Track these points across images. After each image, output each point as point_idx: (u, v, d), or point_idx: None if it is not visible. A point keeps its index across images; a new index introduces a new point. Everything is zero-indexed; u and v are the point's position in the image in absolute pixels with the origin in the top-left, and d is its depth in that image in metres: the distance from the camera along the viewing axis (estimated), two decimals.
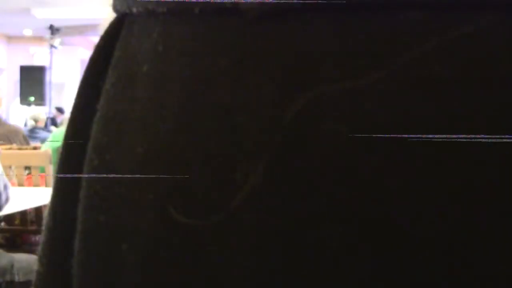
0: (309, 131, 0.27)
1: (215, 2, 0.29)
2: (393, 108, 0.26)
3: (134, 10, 0.33)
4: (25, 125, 6.73)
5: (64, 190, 0.36)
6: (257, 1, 0.28)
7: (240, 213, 0.28)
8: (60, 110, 8.35)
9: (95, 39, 0.37)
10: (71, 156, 0.36)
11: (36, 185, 3.31)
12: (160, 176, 0.30)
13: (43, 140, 5.29)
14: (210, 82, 0.29)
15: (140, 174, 0.30)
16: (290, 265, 0.27)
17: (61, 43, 9.36)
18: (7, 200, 2.35)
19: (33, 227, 3.32)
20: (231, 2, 0.28)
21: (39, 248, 0.37)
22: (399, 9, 0.26)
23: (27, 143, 4.42)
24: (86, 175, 0.33)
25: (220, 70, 0.29)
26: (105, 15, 0.37)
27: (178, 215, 0.29)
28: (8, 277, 2.23)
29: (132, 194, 0.31)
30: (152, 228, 0.30)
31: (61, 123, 6.53)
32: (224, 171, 0.28)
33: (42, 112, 6.95)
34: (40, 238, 0.42)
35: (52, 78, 9.53)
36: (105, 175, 0.32)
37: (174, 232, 0.29)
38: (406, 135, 0.25)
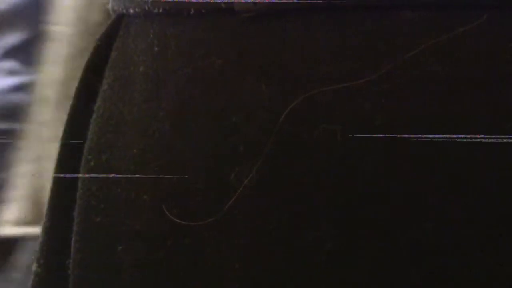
0: (306, 131, 0.26)
1: (211, 3, 0.29)
2: (391, 108, 0.26)
3: (131, 10, 0.33)
4: None
5: (61, 191, 0.36)
6: (252, 1, 0.28)
7: (236, 214, 0.28)
8: None
9: None
10: (68, 156, 0.36)
11: None
12: (156, 177, 0.30)
13: None
14: (206, 82, 0.29)
15: (136, 175, 0.30)
16: (287, 266, 0.27)
17: None
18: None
19: None
20: (227, 3, 0.28)
21: (37, 249, 0.37)
22: (397, 9, 0.26)
23: None
24: (82, 176, 0.33)
25: (216, 71, 0.29)
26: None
27: (173, 216, 0.29)
28: None
29: (128, 195, 0.31)
30: (148, 229, 0.30)
31: None
32: (220, 172, 0.28)
33: None
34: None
35: None
36: (101, 176, 0.32)
37: (170, 233, 0.29)
38: (404, 135, 0.25)
